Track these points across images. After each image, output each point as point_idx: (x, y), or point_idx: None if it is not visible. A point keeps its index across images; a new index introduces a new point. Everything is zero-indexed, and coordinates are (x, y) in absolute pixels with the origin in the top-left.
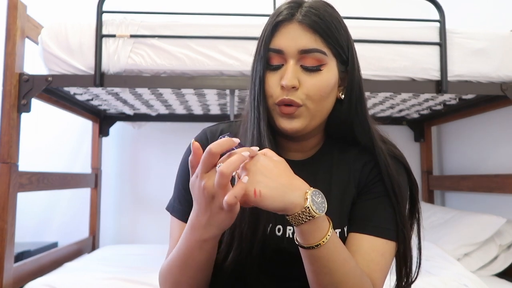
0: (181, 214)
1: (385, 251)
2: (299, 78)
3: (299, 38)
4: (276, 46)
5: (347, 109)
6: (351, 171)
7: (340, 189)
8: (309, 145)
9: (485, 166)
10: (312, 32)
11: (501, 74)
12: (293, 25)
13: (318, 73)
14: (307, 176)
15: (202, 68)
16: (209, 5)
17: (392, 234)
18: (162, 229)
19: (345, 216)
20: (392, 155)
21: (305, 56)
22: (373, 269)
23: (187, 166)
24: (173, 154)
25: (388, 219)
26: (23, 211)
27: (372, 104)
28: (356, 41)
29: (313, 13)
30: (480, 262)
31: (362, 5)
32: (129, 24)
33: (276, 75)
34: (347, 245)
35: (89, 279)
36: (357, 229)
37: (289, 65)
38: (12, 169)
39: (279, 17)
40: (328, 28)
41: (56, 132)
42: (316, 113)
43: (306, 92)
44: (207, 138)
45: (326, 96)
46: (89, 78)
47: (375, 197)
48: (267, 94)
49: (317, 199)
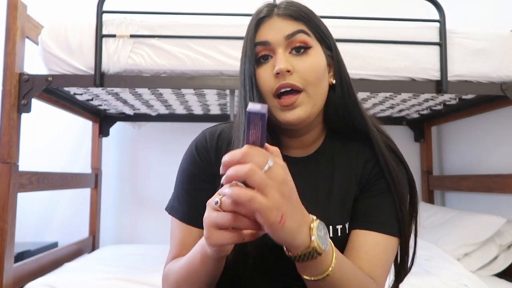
0: (180, 214)
1: (388, 247)
2: (292, 64)
3: (282, 27)
4: (262, 39)
5: (340, 93)
6: (352, 167)
7: (342, 185)
8: (310, 140)
9: (485, 166)
10: (293, 19)
11: (501, 74)
12: (274, 19)
13: (308, 55)
14: (309, 174)
15: (202, 68)
16: (209, 5)
17: (395, 230)
18: (162, 229)
19: (347, 212)
20: (389, 148)
21: (291, 41)
22: (375, 265)
23: (188, 168)
24: (173, 154)
25: (391, 215)
26: (23, 211)
27: (372, 104)
28: (356, 41)
29: (290, 5)
30: (480, 262)
31: (362, 5)
32: (129, 24)
33: (267, 68)
34: (350, 242)
35: (89, 279)
36: (361, 226)
37: (278, 53)
38: (12, 169)
39: (260, 15)
40: (307, 15)
41: (56, 132)
42: (316, 97)
43: (302, 76)
44: (206, 140)
45: (321, 78)
46: (89, 78)
47: (378, 193)
48: (262, 90)
49: (321, 233)
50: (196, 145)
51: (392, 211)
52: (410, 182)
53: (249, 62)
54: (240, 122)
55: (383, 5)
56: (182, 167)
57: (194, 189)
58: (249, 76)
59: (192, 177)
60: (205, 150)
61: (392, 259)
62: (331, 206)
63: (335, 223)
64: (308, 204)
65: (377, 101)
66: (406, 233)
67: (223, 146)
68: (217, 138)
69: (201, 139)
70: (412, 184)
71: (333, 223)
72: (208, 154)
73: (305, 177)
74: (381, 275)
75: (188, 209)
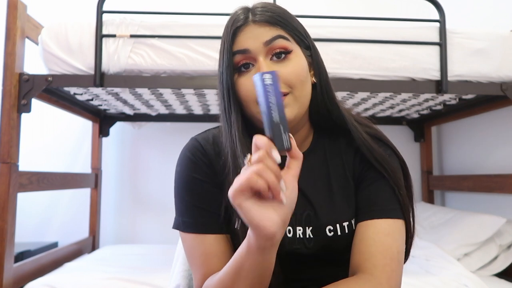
0: (195, 227)
1: (391, 231)
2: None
3: (260, 34)
4: (241, 47)
5: (320, 92)
6: (344, 161)
7: (340, 182)
8: (299, 139)
9: (485, 166)
10: (270, 25)
11: (501, 74)
12: (251, 26)
13: (289, 60)
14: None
15: (202, 68)
16: (209, 5)
17: (398, 212)
18: (162, 229)
19: (351, 208)
20: (373, 136)
21: (271, 47)
22: (373, 253)
23: (188, 174)
24: (173, 154)
25: (390, 199)
26: (23, 211)
27: (372, 104)
28: (356, 41)
29: (265, 10)
30: (480, 262)
31: (362, 5)
32: (129, 24)
33: (248, 76)
34: (356, 235)
35: (89, 279)
36: (363, 217)
37: (259, 61)
38: (12, 169)
39: (237, 23)
40: (283, 18)
41: (56, 132)
42: (302, 99)
43: (286, 82)
44: (201, 145)
45: (305, 80)
46: (89, 78)
47: (372, 182)
48: (246, 99)
49: None
50: (191, 151)
51: (391, 195)
52: (401, 164)
53: (227, 73)
54: (224, 129)
55: (383, 5)
56: (181, 177)
57: (201, 194)
58: (227, 88)
59: (195, 184)
60: (203, 154)
61: (400, 241)
62: (334, 204)
63: (341, 221)
64: (310, 202)
65: (377, 101)
66: (407, 213)
67: (221, 151)
68: (212, 143)
69: (195, 145)
70: (403, 166)
71: (339, 221)
72: (207, 158)
73: (302, 175)
74: (380, 258)
75: (202, 218)
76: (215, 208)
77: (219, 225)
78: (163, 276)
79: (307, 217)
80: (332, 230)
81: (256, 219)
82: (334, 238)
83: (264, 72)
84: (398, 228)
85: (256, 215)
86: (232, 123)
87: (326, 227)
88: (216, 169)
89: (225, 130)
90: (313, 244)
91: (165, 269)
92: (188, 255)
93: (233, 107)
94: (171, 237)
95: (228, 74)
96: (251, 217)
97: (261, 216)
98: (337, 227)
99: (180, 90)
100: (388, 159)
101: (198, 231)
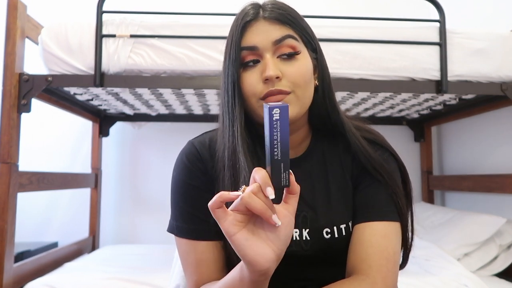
0: (188, 232)
1: (387, 232)
2: (280, 69)
3: (269, 31)
4: (249, 43)
5: (321, 95)
6: (342, 164)
7: (338, 184)
8: (298, 140)
9: (485, 166)
10: (280, 23)
11: (501, 74)
12: (261, 22)
13: (296, 60)
14: (303, 175)
15: (202, 68)
16: (209, 5)
17: (393, 215)
18: (162, 229)
19: (349, 210)
20: (371, 140)
21: (279, 46)
22: (369, 254)
23: (183, 180)
24: (173, 154)
25: (386, 201)
26: (23, 211)
27: (372, 104)
28: (356, 41)
29: (276, 7)
30: (480, 262)
31: (362, 5)
32: (129, 24)
33: (254, 72)
34: (352, 237)
35: (89, 279)
36: (359, 220)
37: (267, 58)
38: (12, 169)
39: (246, 18)
40: (293, 18)
41: (56, 132)
42: (303, 99)
43: (291, 81)
44: (197, 150)
45: (309, 81)
46: (89, 78)
47: (369, 184)
48: (248, 95)
49: None
50: (187, 157)
51: (387, 198)
52: (400, 168)
53: (233, 67)
54: (223, 127)
55: (383, 5)
56: (176, 183)
57: (195, 201)
58: (232, 81)
59: (190, 190)
60: (199, 160)
61: (396, 243)
62: (332, 206)
63: (339, 223)
64: (307, 204)
65: (377, 101)
66: (404, 215)
67: (218, 155)
68: (208, 147)
69: (192, 151)
70: (403, 170)
71: (337, 223)
72: (203, 164)
73: (299, 178)
74: (377, 259)
75: (194, 225)
76: (208, 215)
77: (212, 232)
78: (163, 276)
79: (304, 218)
80: (330, 233)
81: (249, 256)
82: (331, 241)
83: (274, 106)
84: (394, 230)
85: (249, 251)
86: (235, 117)
87: (324, 229)
88: (211, 175)
89: (226, 125)
90: (311, 246)
91: (165, 269)
92: (181, 259)
93: (237, 101)
94: (171, 237)
95: (235, 68)
96: (245, 253)
97: (255, 251)
98: (334, 230)
99: (180, 90)
100: (384, 164)
101: (191, 237)
